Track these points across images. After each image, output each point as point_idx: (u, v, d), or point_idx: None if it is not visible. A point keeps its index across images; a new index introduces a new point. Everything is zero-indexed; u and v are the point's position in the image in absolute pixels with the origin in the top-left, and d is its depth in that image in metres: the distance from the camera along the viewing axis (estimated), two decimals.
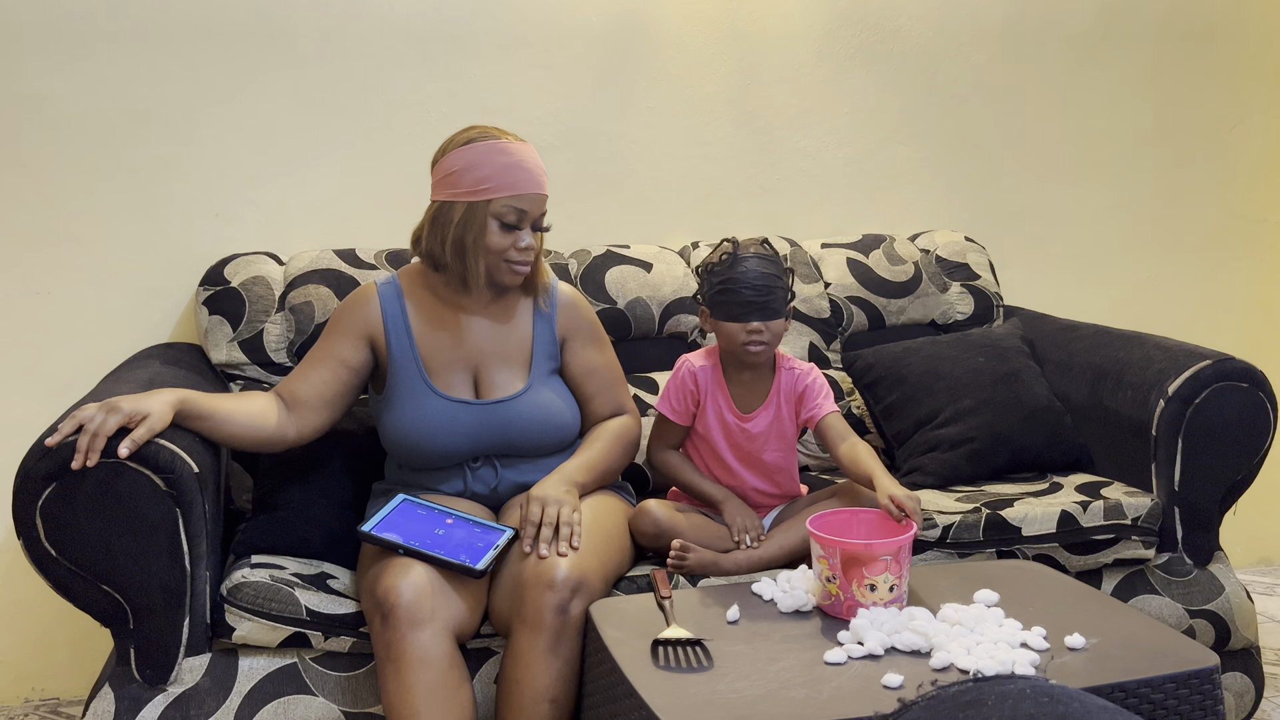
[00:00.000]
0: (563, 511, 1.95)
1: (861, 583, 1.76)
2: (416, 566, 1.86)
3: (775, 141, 2.99)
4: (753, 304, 2.09)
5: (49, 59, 2.52)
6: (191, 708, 1.90)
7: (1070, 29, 3.16)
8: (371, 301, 2.14)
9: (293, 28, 2.65)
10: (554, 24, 2.81)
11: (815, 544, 1.81)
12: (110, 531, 1.81)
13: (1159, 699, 1.58)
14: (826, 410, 2.18)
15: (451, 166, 2.06)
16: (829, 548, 1.78)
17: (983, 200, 3.16)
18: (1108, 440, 2.49)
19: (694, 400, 2.20)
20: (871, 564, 1.76)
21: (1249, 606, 2.36)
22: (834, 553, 1.77)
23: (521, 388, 2.13)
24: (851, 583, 1.77)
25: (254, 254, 2.56)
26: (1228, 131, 3.32)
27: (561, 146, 2.82)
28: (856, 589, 1.77)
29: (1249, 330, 3.36)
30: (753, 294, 2.09)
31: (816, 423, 2.18)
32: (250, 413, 2.00)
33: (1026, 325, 2.81)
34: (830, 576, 1.79)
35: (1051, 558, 2.26)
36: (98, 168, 2.57)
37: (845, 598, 1.78)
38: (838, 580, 1.78)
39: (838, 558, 1.77)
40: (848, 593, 1.77)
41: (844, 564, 1.76)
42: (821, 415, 2.17)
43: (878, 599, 1.77)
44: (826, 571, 1.79)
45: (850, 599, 1.78)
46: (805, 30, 2.97)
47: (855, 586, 1.77)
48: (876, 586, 1.77)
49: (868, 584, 1.76)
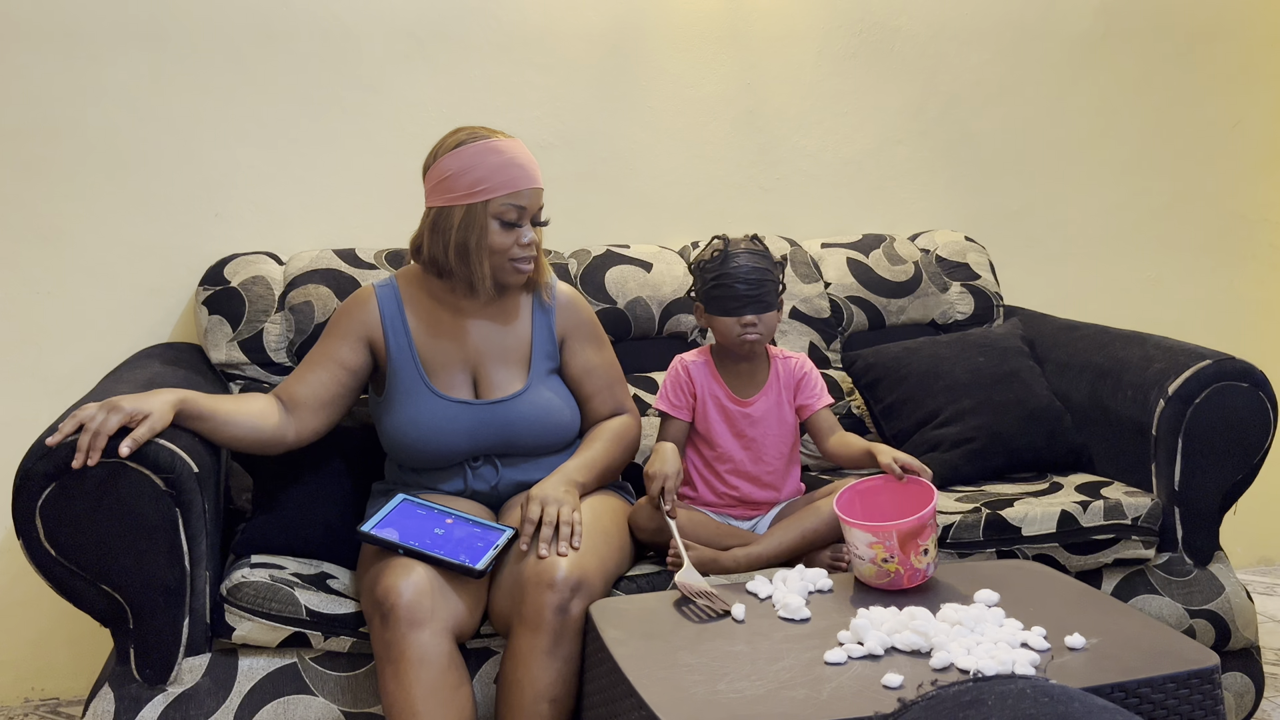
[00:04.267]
0: (563, 511, 1.95)
1: (917, 551, 1.85)
2: (416, 566, 1.86)
3: (775, 141, 2.99)
4: (745, 297, 2.16)
5: (49, 59, 2.52)
6: (191, 708, 1.90)
7: (1070, 29, 3.16)
8: (370, 304, 2.14)
9: (293, 28, 2.65)
10: (554, 24, 2.81)
11: (863, 534, 1.85)
12: (110, 531, 1.81)
13: (1159, 699, 1.58)
14: (824, 403, 2.27)
15: (445, 171, 2.05)
16: (883, 533, 1.84)
17: (983, 200, 3.16)
18: (1108, 440, 2.49)
19: (690, 393, 2.24)
20: (923, 532, 1.85)
21: (1249, 606, 2.36)
22: (889, 535, 1.84)
23: (521, 387, 2.13)
24: (909, 555, 1.84)
25: (254, 254, 2.56)
26: (1228, 131, 3.32)
27: (561, 146, 2.82)
28: (914, 558, 1.85)
29: (1249, 330, 3.36)
30: (745, 288, 2.15)
31: (811, 413, 2.25)
32: (250, 414, 2.00)
33: (1026, 325, 2.81)
34: (887, 557, 1.85)
35: (1051, 558, 2.26)
36: (98, 168, 2.57)
37: (905, 570, 1.85)
38: (895, 559, 1.84)
39: (894, 539, 1.83)
40: (907, 565, 1.85)
41: (901, 542, 1.83)
42: (818, 406, 2.26)
43: (929, 560, 1.87)
44: (882, 554, 1.85)
45: (910, 569, 1.85)
46: (805, 30, 2.97)
47: (913, 557, 1.85)
48: (928, 549, 1.86)
49: (922, 549, 1.85)
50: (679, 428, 2.25)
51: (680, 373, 2.26)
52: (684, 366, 2.27)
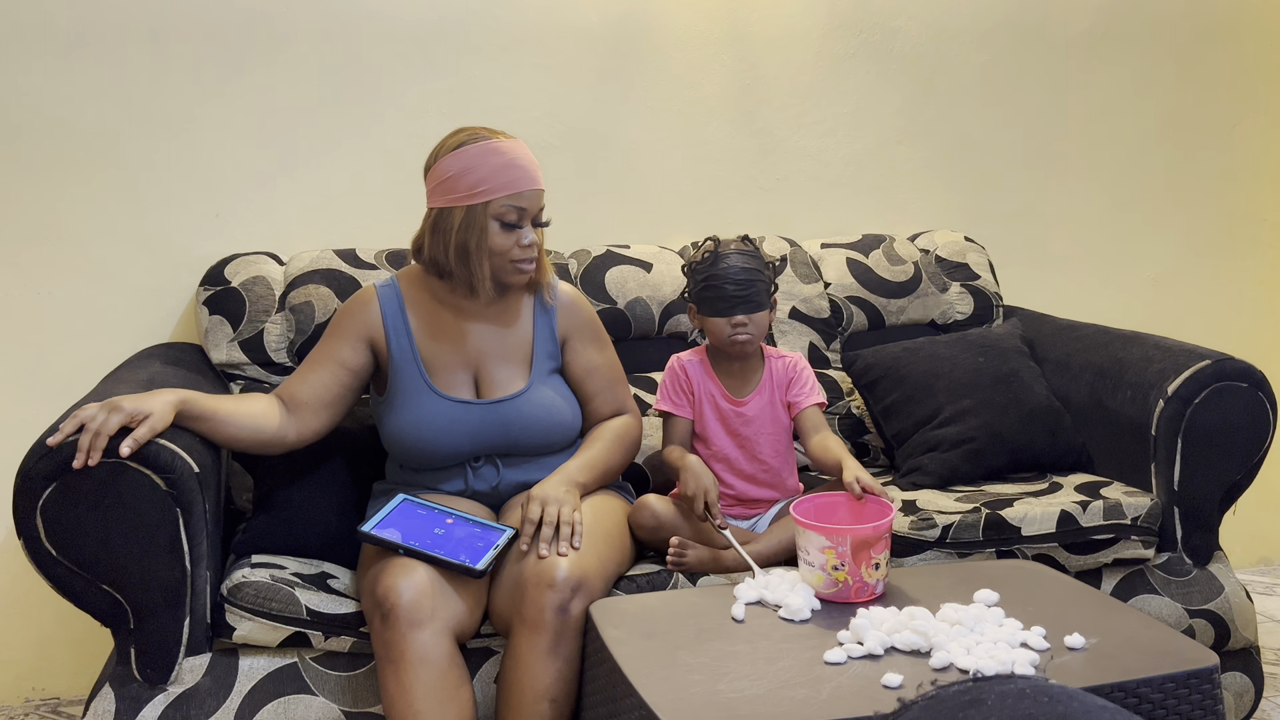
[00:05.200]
0: (563, 511, 1.95)
1: (869, 564, 1.84)
2: (416, 566, 1.86)
3: (775, 141, 2.99)
4: (736, 298, 2.18)
5: (49, 59, 2.52)
6: (192, 707, 1.90)
7: (1070, 29, 3.16)
8: (371, 304, 2.14)
9: (293, 28, 2.65)
10: (554, 24, 2.81)
11: (817, 536, 1.85)
12: (111, 531, 1.81)
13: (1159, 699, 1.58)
14: (812, 400, 2.27)
15: (446, 172, 2.05)
16: (838, 537, 1.84)
17: (983, 200, 3.16)
18: (1108, 440, 2.49)
19: (689, 390, 2.26)
20: (876, 544, 1.85)
21: (1249, 606, 2.36)
22: (843, 540, 1.83)
23: (522, 387, 2.13)
24: (860, 566, 1.84)
25: (254, 254, 2.56)
26: (1228, 131, 3.32)
27: (561, 146, 2.82)
28: (864, 571, 1.84)
29: (1249, 330, 3.36)
30: (735, 288, 2.17)
31: (799, 410, 2.26)
32: (251, 414, 2.00)
33: (1026, 325, 2.81)
34: (837, 565, 1.84)
35: (1051, 558, 2.26)
36: (98, 168, 2.57)
37: (854, 582, 1.84)
38: (846, 567, 1.84)
39: (848, 545, 1.83)
40: (856, 577, 1.84)
41: (854, 550, 1.83)
42: (805, 405, 2.26)
43: (879, 576, 1.86)
44: (833, 561, 1.84)
45: (859, 582, 1.85)
46: (805, 30, 2.97)
47: (864, 569, 1.84)
48: (880, 565, 1.85)
49: (873, 563, 1.85)
50: (683, 426, 2.26)
51: (678, 372, 2.28)
52: (680, 365, 2.28)
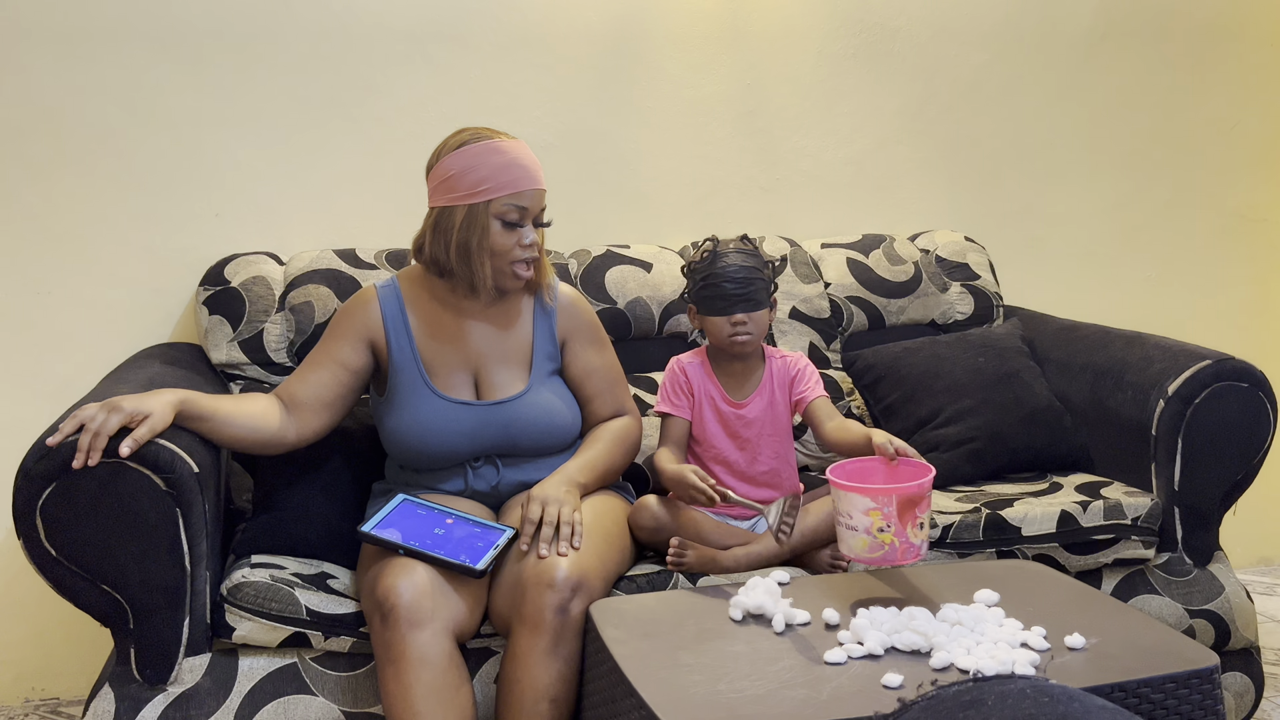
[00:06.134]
0: (563, 511, 1.95)
1: (914, 523, 1.82)
2: (416, 566, 1.86)
3: (775, 141, 2.99)
4: (735, 296, 2.17)
5: (49, 59, 2.52)
6: (191, 708, 1.90)
7: (1070, 29, 3.16)
8: (371, 304, 2.14)
9: (293, 28, 2.65)
10: (554, 24, 2.81)
11: (860, 499, 1.81)
12: (110, 531, 1.81)
13: (1159, 699, 1.58)
14: (817, 394, 2.26)
15: (448, 171, 2.06)
16: (883, 497, 1.81)
17: (983, 200, 3.16)
18: (1108, 440, 2.49)
19: (688, 391, 2.25)
20: (921, 502, 1.82)
21: (1249, 606, 2.36)
22: (889, 500, 1.80)
23: (522, 388, 2.13)
24: (906, 526, 1.81)
25: (254, 254, 2.56)
26: (1228, 131, 3.32)
27: (561, 146, 2.82)
28: (910, 531, 1.82)
29: (1249, 330, 3.36)
30: (734, 287, 2.17)
31: (807, 405, 2.24)
32: (251, 414, 2.00)
33: (1026, 325, 2.81)
34: (883, 526, 1.81)
35: (1051, 558, 2.26)
36: (98, 168, 2.57)
37: (900, 543, 1.82)
38: (892, 528, 1.81)
39: (894, 505, 1.80)
40: (903, 537, 1.82)
41: (899, 509, 1.80)
42: (812, 397, 2.25)
43: (924, 536, 1.84)
44: (879, 523, 1.81)
45: (905, 542, 1.82)
46: (805, 30, 2.97)
47: (909, 529, 1.82)
48: (924, 524, 1.83)
49: (919, 523, 1.82)
50: (680, 427, 2.25)
51: (678, 373, 2.27)
52: (680, 366, 2.28)
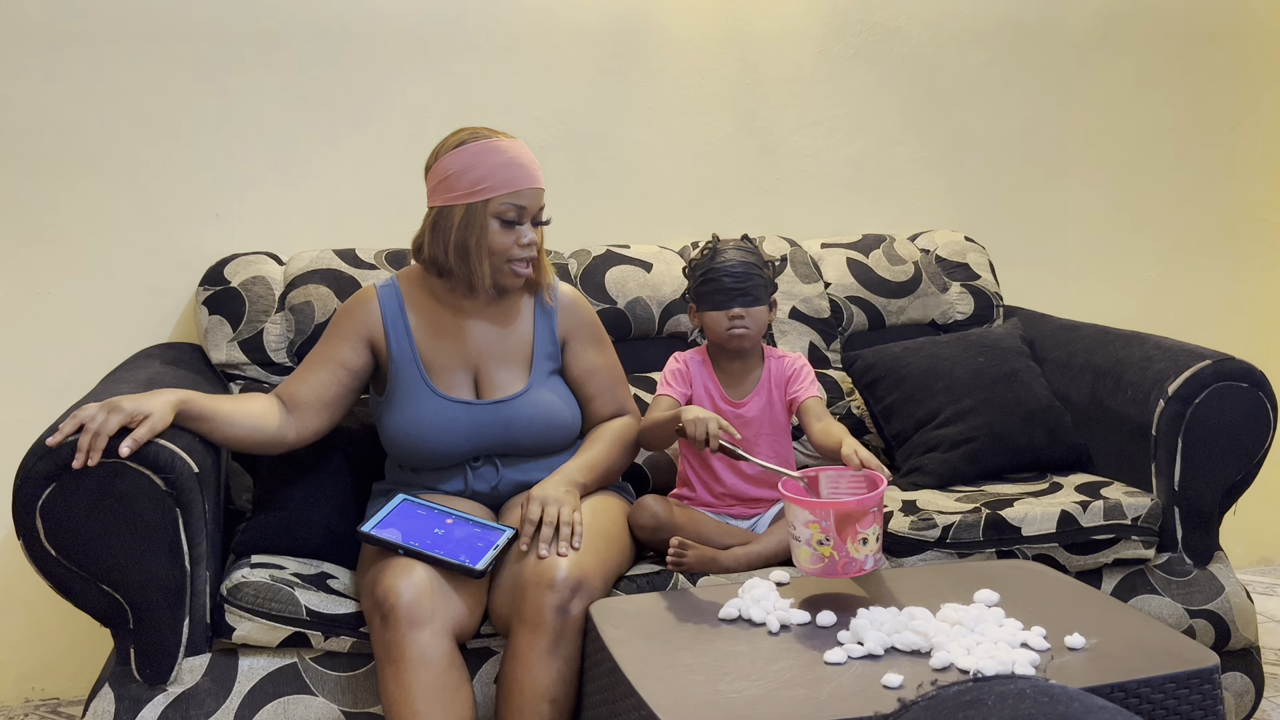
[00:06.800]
0: (563, 511, 1.95)
1: (855, 538, 1.81)
2: (416, 566, 1.86)
3: (775, 141, 2.99)
4: (733, 291, 2.20)
5: (50, 59, 2.52)
6: (191, 708, 1.90)
7: (1070, 29, 3.16)
8: (371, 304, 2.14)
9: (292, 28, 2.65)
10: (554, 24, 2.81)
11: (801, 510, 1.83)
12: (110, 531, 1.81)
13: (1159, 699, 1.58)
14: (810, 394, 2.28)
15: (446, 170, 2.06)
16: (820, 510, 1.82)
17: (983, 200, 3.16)
18: (1108, 440, 2.49)
19: (688, 382, 2.28)
20: (863, 518, 1.81)
21: (1249, 606, 2.36)
22: (827, 514, 1.81)
23: (522, 388, 2.13)
24: (845, 540, 1.81)
25: (254, 254, 2.56)
26: (1228, 131, 3.32)
27: (561, 146, 2.82)
28: (850, 545, 1.81)
29: (1249, 330, 3.36)
30: (732, 281, 2.20)
31: (800, 403, 2.26)
32: (251, 414, 2.00)
33: (1026, 325, 2.81)
34: (822, 539, 1.82)
35: (1051, 558, 2.26)
36: (98, 168, 2.57)
37: (840, 556, 1.82)
38: (831, 541, 1.81)
39: (831, 519, 1.81)
40: (842, 551, 1.82)
41: (838, 523, 1.80)
42: (804, 397, 2.27)
43: (868, 551, 1.83)
44: (818, 535, 1.82)
45: (845, 557, 1.82)
46: (805, 30, 2.97)
47: (849, 543, 1.81)
48: (867, 540, 1.82)
49: (860, 538, 1.82)
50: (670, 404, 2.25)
51: (680, 366, 2.30)
52: (683, 361, 2.31)
